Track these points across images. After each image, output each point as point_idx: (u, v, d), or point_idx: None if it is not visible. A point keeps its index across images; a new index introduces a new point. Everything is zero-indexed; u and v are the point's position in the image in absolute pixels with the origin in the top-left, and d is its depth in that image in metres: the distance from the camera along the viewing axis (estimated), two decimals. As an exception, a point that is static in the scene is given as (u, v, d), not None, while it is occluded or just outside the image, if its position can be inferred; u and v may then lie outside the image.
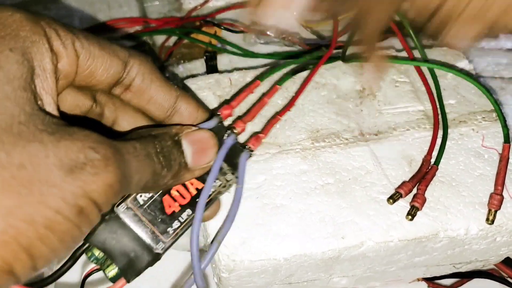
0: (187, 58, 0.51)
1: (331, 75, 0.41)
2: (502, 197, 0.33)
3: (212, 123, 0.31)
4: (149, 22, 0.55)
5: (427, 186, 0.33)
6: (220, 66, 0.50)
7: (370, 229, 0.32)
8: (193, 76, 0.47)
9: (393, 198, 0.33)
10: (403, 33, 0.42)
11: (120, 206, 0.28)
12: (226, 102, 0.36)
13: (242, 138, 0.34)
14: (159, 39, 0.54)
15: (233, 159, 0.32)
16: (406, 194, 0.33)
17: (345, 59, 0.41)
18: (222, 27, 0.51)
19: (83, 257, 0.28)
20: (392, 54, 0.43)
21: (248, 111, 0.35)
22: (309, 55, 0.41)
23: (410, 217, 0.32)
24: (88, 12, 0.57)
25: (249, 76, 0.40)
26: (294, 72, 0.40)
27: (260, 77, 0.38)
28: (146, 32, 0.54)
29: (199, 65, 0.50)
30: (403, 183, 0.34)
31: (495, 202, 0.33)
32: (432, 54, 0.42)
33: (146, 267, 0.28)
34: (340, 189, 0.34)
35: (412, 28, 0.41)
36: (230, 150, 0.31)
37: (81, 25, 0.55)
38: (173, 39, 0.52)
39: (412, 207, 0.32)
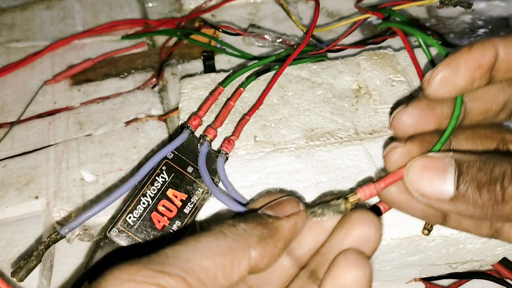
0: (186, 58, 0.51)
1: (327, 74, 0.41)
2: None
3: (184, 135, 0.33)
4: (149, 23, 0.55)
5: None
6: (220, 66, 0.50)
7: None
8: (190, 75, 0.47)
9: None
10: (404, 32, 0.42)
11: (112, 231, 0.29)
12: (194, 113, 0.37)
13: (217, 144, 0.36)
14: (159, 39, 0.54)
15: (210, 165, 0.33)
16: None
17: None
18: (221, 30, 0.52)
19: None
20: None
21: (216, 117, 0.37)
22: (276, 55, 0.41)
23: (426, 231, 0.31)
24: (90, 13, 0.57)
25: (244, 76, 0.41)
26: (258, 73, 0.40)
27: (223, 83, 0.39)
28: (147, 32, 0.54)
29: (197, 65, 0.51)
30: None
31: None
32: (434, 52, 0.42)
33: None
34: (334, 187, 0.34)
35: (413, 26, 0.41)
36: (207, 157, 0.33)
37: (83, 26, 0.56)
38: (173, 39, 0.53)
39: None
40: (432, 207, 0.25)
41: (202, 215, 0.33)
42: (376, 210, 0.32)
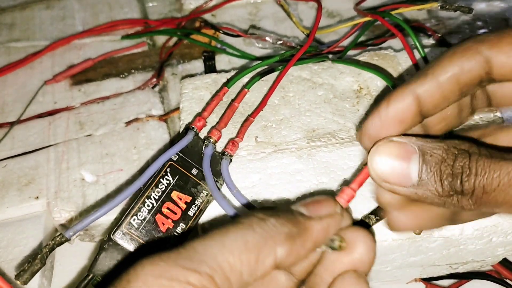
0: (187, 58, 0.51)
1: (328, 75, 0.41)
2: None
3: (189, 137, 0.33)
4: (149, 23, 0.55)
5: None
6: (220, 66, 0.50)
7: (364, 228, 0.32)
8: (191, 75, 0.47)
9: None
10: (404, 34, 0.42)
11: (116, 233, 0.29)
12: (198, 114, 0.37)
13: (221, 145, 0.36)
14: (160, 39, 0.54)
15: (215, 167, 0.33)
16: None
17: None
18: (221, 31, 0.52)
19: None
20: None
21: (221, 118, 0.37)
22: (279, 55, 0.41)
23: (417, 230, 0.31)
24: (90, 13, 0.57)
25: (247, 77, 0.41)
26: (262, 74, 0.40)
27: (227, 84, 0.39)
28: (147, 32, 0.54)
29: (198, 65, 0.51)
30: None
31: None
32: (431, 53, 0.42)
33: None
34: (335, 189, 0.34)
35: (411, 28, 0.41)
36: (211, 159, 0.33)
37: (83, 26, 0.56)
38: (174, 39, 0.53)
39: None
40: (394, 192, 0.26)
41: (206, 217, 0.33)
42: (380, 211, 0.32)
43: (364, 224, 0.31)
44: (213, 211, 0.33)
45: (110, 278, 0.28)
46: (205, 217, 0.33)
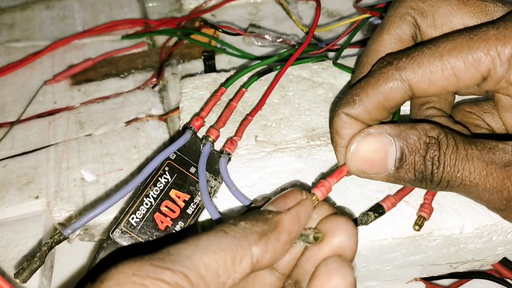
0: (187, 58, 0.51)
1: (328, 74, 0.41)
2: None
3: (187, 136, 0.33)
4: (149, 23, 0.55)
5: (434, 195, 0.33)
6: (220, 66, 0.50)
7: (364, 227, 0.32)
8: (191, 75, 0.47)
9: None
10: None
11: (115, 232, 0.29)
12: (196, 114, 0.37)
13: (220, 144, 0.36)
14: (160, 39, 0.54)
15: (213, 165, 0.33)
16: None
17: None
18: (221, 30, 0.52)
19: None
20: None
21: (219, 118, 0.37)
22: (278, 55, 0.41)
23: (417, 227, 0.32)
24: (90, 13, 0.57)
25: (246, 76, 0.41)
26: (260, 74, 0.40)
27: (225, 84, 0.39)
28: (147, 32, 0.54)
29: (198, 65, 0.51)
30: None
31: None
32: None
33: None
34: (334, 187, 0.33)
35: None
36: (209, 158, 0.33)
37: (83, 26, 0.56)
38: (173, 39, 0.53)
39: (420, 217, 0.32)
40: (369, 178, 0.29)
41: (206, 215, 0.33)
42: (379, 208, 0.32)
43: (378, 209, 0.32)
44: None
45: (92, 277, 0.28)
46: (205, 216, 0.33)
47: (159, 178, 0.32)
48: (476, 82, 0.27)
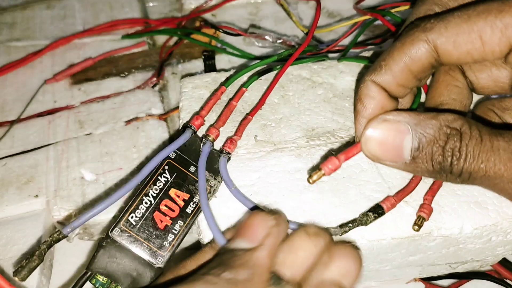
0: (187, 58, 0.51)
1: (328, 74, 0.41)
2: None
3: (186, 135, 0.33)
4: (149, 22, 0.55)
5: (433, 196, 0.33)
6: (220, 66, 0.50)
7: (363, 226, 0.32)
8: (191, 75, 0.47)
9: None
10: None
11: (114, 230, 0.29)
12: (196, 113, 0.37)
13: (219, 143, 0.35)
14: (160, 39, 0.54)
15: (213, 165, 0.33)
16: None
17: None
18: (221, 30, 0.52)
19: (88, 284, 0.29)
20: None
21: (219, 117, 0.37)
22: (278, 54, 0.41)
23: (417, 227, 0.31)
24: (90, 12, 0.57)
25: (246, 76, 0.41)
26: (260, 73, 0.40)
27: (225, 83, 0.39)
28: (147, 32, 0.54)
29: (198, 64, 0.51)
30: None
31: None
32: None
33: (150, 283, 0.29)
34: (334, 187, 0.34)
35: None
36: (209, 157, 0.33)
37: (84, 25, 0.56)
38: (174, 39, 0.53)
39: (419, 217, 0.32)
40: (384, 165, 0.28)
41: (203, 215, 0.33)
42: (378, 209, 0.32)
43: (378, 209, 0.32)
44: (213, 208, 0.33)
45: None
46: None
47: (159, 177, 0.32)
48: (502, 50, 0.26)
